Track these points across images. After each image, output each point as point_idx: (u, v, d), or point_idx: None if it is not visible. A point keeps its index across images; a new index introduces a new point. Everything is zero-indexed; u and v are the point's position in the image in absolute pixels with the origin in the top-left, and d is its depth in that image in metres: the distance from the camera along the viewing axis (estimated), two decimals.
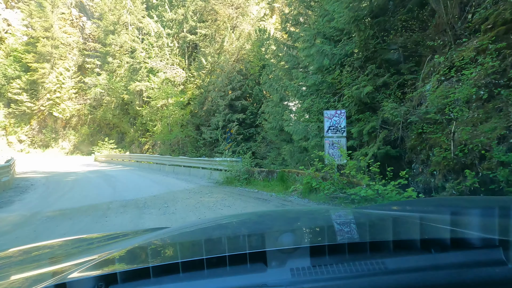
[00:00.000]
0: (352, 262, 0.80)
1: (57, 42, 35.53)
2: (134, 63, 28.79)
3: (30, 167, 17.59)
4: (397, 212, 1.59)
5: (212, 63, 27.60)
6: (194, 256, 0.95)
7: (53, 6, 36.29)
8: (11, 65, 35.82)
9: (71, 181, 10.84)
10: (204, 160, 13.35)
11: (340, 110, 5.77)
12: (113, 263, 1.02)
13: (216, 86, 25.54)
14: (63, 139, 34.93)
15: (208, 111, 26.70)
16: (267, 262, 0.82)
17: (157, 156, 18.27)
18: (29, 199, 7.75)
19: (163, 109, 25.85)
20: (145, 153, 28.99)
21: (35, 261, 1.35)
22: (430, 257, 0.82)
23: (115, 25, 32.23)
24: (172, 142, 25.16)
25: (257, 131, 24.53)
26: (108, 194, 7.97)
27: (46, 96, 34.66)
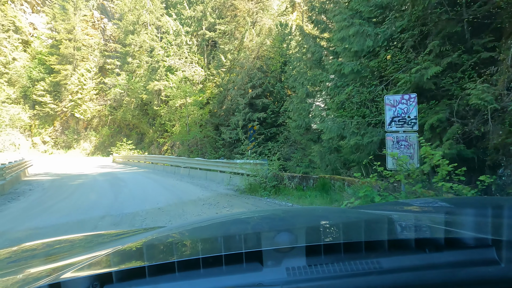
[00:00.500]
0: (348, 261, 0.80)
1: (79, 43, 35.86)
2: (153, 62, 28.26)
3: (46, 168, 17.16)
4: (393, 212, 1.61)
5: (232, 60, 26.54)
6: (190, 255, 0.95)
7: (76, 9, 36.70)
8: (36, 67, 36.51)
9: (75, 186, 9.97)
10: (222, 163, 11.86)
11: (409, 94, 4.24)
12: (108, 262, 1.00)
13: (235, 84, 24.43)
14: (85, 140, 35.11)
15: (227, 110, 25.64)
16: (263, 262, 0.81)
17: (172, 157, 17.09)
18: (12, 209, 6.72)
19: (181, 108, 25.05)
20: (163, 154, 28.34)
21: (30, 260, 1.31)
22: (425, 256, 0.82)
23: (135, 25, 31.98)
24: (191, 143, 24.27)
25: (279, 130, 23.24)
26: (106, 204, 6.84)
27: (68, 98, 35.00)
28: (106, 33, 40.14)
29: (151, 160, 18.92)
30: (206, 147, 23.84)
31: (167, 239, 1.30)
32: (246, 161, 9.58)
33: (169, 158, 16.97)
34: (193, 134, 21.98)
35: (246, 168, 9.04)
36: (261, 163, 8.69)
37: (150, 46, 29.61)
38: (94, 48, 37.35)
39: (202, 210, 6.07)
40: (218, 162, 12.39)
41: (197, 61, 27.74)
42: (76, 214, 5.75)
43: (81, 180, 11.10)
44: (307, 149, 13.91)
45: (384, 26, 6.60)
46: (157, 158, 18.47)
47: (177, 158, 15.98)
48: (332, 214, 1.75)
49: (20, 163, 11.56)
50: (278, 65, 24.44)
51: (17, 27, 39.12)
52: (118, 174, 13.76)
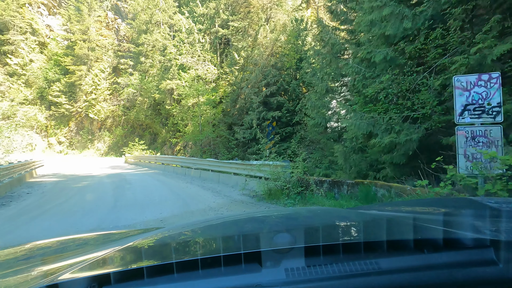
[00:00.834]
0: (346, 262, 0.80)
1: (93, 44, 35.99)
2: (165, 61, 27.86)
3: (56, 169, 16.86)
4: (391, 212, 1.61)
5: (245, 57, 25.79)
6: (188, 256, 0.95)
7: (90, 10, 36.89)
8: (51, 68, 36.91)
9: (77, 189, 9.39)
10: (237, 164, 10.58)
11: (489, 73, 3.21)
12: (107, 264, 1.00)
13: (249, 82, 23.67)
14: (99, 141, 35.18)
15: (240, 109, 24.92)
16: (262, 263, 0.81)
17: (182, 158, 16.28)
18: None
19: (194, 108, 24.49)
20: (176, 154, 27.89)
21: (28, 262, 1.30)
22: (423, 257, 0.83)
23: (148, 24, 31.76)
24: (203, 143, 23.65)
25: (295, 129, 22.34)
26: (103, 212, 6.05)
27: (82, 98, 35.16)
28: (119, 33, 40.23)
29: (162, 161, 18.24)
30: (219, 147, 23.16)
31: (166, 240, 1.28)
32: (265, 163, 8.38)
33: (180, 159, 16.21)
34: (206, 133, 21.34)
35: (265, 170, 7.99)
36: (282, 165, 7.51)
37: (163, 45, 29.26)
38: (108, 48, 37.44)
39: None
40: (231, 163, 11.24)
41: (210, 59, 27.14)
42: (63, 226, 4.94)
43: (86, 182, 10.54)
44: (326, 149, 12.95)
45: (425, 4, 5.62)
46: (167, 159, 17.78)
47: (188, 159, 15.28)
48: (331, 214, 1.73)
49: (24, 164, 11.09)
50: (293, 61, 23.54)
51: (34, 29, 39.74)
52: (126, 176, 13.21)
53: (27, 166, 11.74)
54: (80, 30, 36.04)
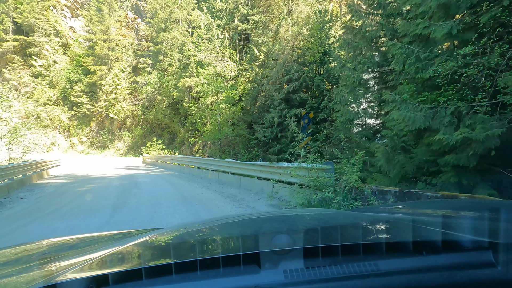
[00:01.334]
0: (345, 263, 0.80)
1: (113, 44, 36.05)
2: (184, 59, 27.17)
3: (71, 169, 16.37)
4: (390, 214, 1.62)
5: (266, 52, 24.61)
6: (187, 257, 0.93)
7: (110, 10, 37.01)
8: (74, 69, 37.35)
9: (79, 193, 8.51)
10: (262, 167, 8.75)
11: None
12: (105, 264, 0.99)
13: (270, 78, 22.46)
14: (119, 140, 35.19)
15: (261, 107, 23.74)
16: (261, 264, 0.81)
17: (199, 158, 14.95)
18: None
19: (212, 106, 23.57)
20: (195, 154, 27.13)
21: (26, 262, 1.31)
22: (422, 259, 0.83)
23: (166, 22, 31.32)
24: (222, 143, 22.67)
25: (320, 128, 20.92)
26: (93, 228, 4.99)
27: (103, 98, 35.28)
28: (139, 33, 40.21)
29: (178, 161, 17.18)
30: (239, 147, 22.10)
31: (165, 241, 1.28)
32: (300, 165, 6.59)
33: (196, 160, 15.13)
34: (225, 133, 20.31)
35: (301, 175, 6.32)
36: (323, 169, 5.90)
37: (181, 42, 28.62)
38: (128, 48, 37.45)
39: None
40: (255, 165, 9.31)
41: (229, 55, 26.15)
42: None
43: (93, 185, 9.72)
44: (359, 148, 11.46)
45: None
46: (183, 159, 16.66)
47: (205, 160, 13.80)
48: (330, 216, 1.70)
49: (31, 164, 10.39)
50: (316, 55, 22.11)
51: (57, 31, 40.45)
52: (138, 178, 12.25)
53: (36, 166, 11.07)
54: (101, 30, 36.24)
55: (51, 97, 37.65)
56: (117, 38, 36.91)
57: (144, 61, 34.90)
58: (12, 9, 37.81)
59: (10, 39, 37.45)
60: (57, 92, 37.91)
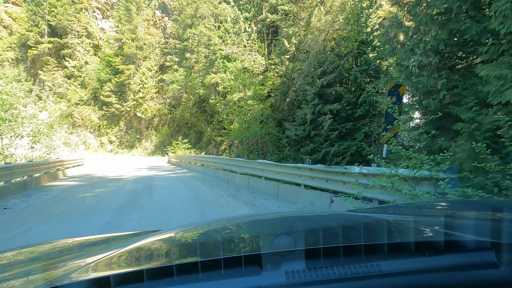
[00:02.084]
0: (347, 264, 0.79)
1: (141, 43, 35.94)
2: (210, 54, 26.03)
3: (92, 170, 15.61)
4: (392, 215, 1.60)
5: (297, 44, 22.80)
6: (188, 259, 0.94)
7: (138, 9, 36.98)
8: (104, 69, 37.74)
9: (78, 202, 7.02)
10: (311, 172, 6.53)
11: None
12: (106, 267, 0.98)
13: (302, 72, 20.62)
14: (146, 140, 34.96)
15: (291, 103, 21.96)
16: (262, 265, 0.80)
17: (225, 159, 12.80)
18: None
19: (239, 102, 22.16)
20: (221, 154, 25.92)
21: (27, 264, 1.29)
22: (424, 259, 0.82)
23: (193, 18, 30.45)
24: (250, 141, 21.16)
25: (358, 125, 18.81)
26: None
27: (131, 97, 35.23)
28: (166, 31, 39.93)
29: (202, 162, 15.56)
30: (268, 146, 20.47)
31: (166, 242, 1.28)
32: (382, 171, 4.36)
33: (222, 160, 13.13)
34: (253, 131, 18.75)
35: (391, 188, 3.94)
36: (437, 178, 3.55)
37: (208, 37, 27.53)
38: (155, 47, 37.20)
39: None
40: (302, 169, 6.91)
41: (257, 49, 24.60)
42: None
43: (102, 189, 8.43)
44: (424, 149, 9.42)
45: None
46: (207, 160, 14.95)
47: (232, 161, 11.63)
48: (332, 217, 1.70)
49: (39, 164, 9.28)
50: (354, 45, 19.97)
51: (89, 33, 41.24)
52: (155, 180, 10.86)
53: (47, 167, 10.05)
54: (129, 30, 36.29)
55: (83, 97, 38.33)
56: (144, 37, 36.81)
57: (170, 59, 34.39)
58: (47, 13, 38.98)
59: (45, 41, 38.60)
60: (88, 92, 38.53)
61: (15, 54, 38.39)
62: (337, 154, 18.16)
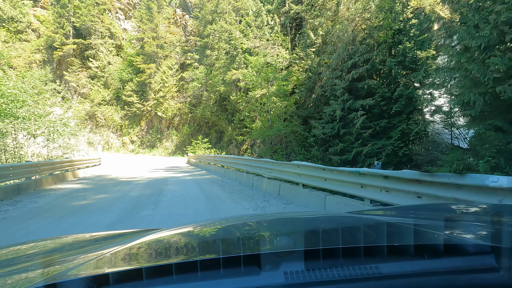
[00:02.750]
0: (346, 266, 0.79)
1: (162, 41, 35.52)
2: (231, 50, 24.88)
3: (107, 170, 14.78)
4: (392, 217, 1.60)
5: (324, 36, 21.16)
6: (187, 258, 0.94)
7: (159, 7, 36.64)
8: (125, 69, 37.70)
9: (66, 213, 5.50)
10: (388, 181, 4.33)
11: None
12: (105, 264, 0.98)
13: (330, 65, 18.98)
14: (167, 140, 34.44)
15: (318, 100, 20.36)
16: (261, 265, 0.80)
17: (248, 159, 10.53)
18: None
19: (262, 99, 20.82)
20: (243, 154, 24.70)
21: (27, 260, 1.27)
22: (423, 262, 0.82)
23: (213, 14, 29.50)
24: (274, 141, 19.75)
25: (393, 123, 16.95)
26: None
27: (152, 97, 34.88)
28: (187, 29, 39.37)
29: (222, 163, 13.91)
30: (293, 145, 18.99)
31: (166, 241, 1.26)
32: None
33: (245, 161, 10.82)
34: (277, 129, 17.33)
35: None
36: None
37: (228, 33, 26.41)
38: (176, 45, 36.67)
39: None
40: (371, 176, 4.66)
41: (280, 42, 23.16)
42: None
43: (104, 195, 7.07)
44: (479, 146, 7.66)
45: None
46: (228, 160, 13.02)
47: (258, 162, 9.29)
48: (331, 219, 1.68)
49: (36, 165, 8.27)
50: (389, 34, 18.08)
51: (112, 33, 41.49)
52: (168, 184, 9.46)
53: (52, 167, 9.07)
54: (150, 28, 36.02)
55: (105, 97, 38.51)
56: (165, 35, 36.39)
57: (191, 56, 33.68)
58: (72, 14, 39.54)
59: (70, 42, 39.17)
60: (111, 92, 38.68)
61: (42, 56, 39.22)
62: (370, 154, 16.40)
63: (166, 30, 37.86)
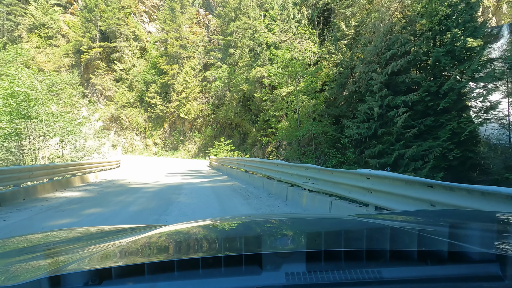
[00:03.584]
0: (348, 269, 0.78)
1: (184, 42, 34.92)
2: (255, 46, 23.48)
3: (122, 174, 13.77)
4: (396, 222, 1.55)
5: (357, 26, 19.25)
6: (189, 255, 0.94)
7: (182, 7, 36.14)
8: (149, 71, 37.51)
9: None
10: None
11: None
12: (108, 258, 0.98)
13: (365, 57, 17.03)
14: (189, 142, 33.63)
15: (350, 97, 18.44)
16: (262, 265, 0.79)
17: (280, 164, 8.17)
18: None
19: (288, 97, 19.19)
20: (267, 156, 23.15)
21: (32, 252, 1.27)
22: (426, 268, 0.80)
23: (237, 11, 28.31)
24: (302, 142, 18.04)
25: (440, 121, 14.81)
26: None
27: (174, 98, 34.30)
28: (210, 29, 38.62)
29: (246, 167, 11.64)
30: (324, 147, 17.18)
31: (168, 237, 1.26)
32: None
33: (276, 167, 8.30)
34: (306, 129, 15.62)
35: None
36: None
37: (252, 29, 25.06)
38: (199, 45, 35.96)
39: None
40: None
41: (308, 36, 21.45)
42: None
43: (99, 209, 5.26)
44: None
45: None
46: (254, 164, 10.66)
47: (295, 168, 7.01)
48: (335, 221, 1.63)
49: (25, 169, 7.03)
50: (434, 19, 15.93)
51: (136, 36, 41.63)
52: (182, 193, 7.91)
53: (53, 171, 7.86)
54: (173, 29, 35.57)
55: (130, 99, 38.52)
56: (188, 36, 35.80)
57: (214, 56, 32.72)
58: (98, 18, 40.08)
59: (96, 46, 39.67)
60: (135, 94, 38.65)
61: (70, 60, 40.00)
62: (414, 157, 14.29)
63: (189, 30, 37.30)
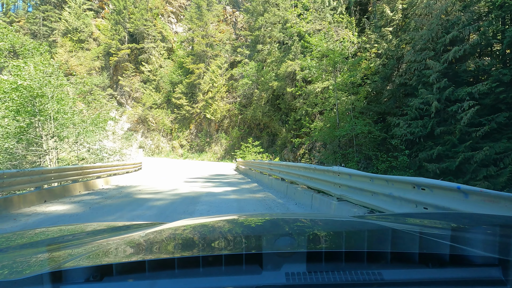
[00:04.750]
0: (349, 270, 0.77)
1: (211, 40, 33.77)
2: (285, 39, 21.52)
3: (138, 179, 12.32)
4: (398, 224, 1.54)
5: (405, 9, 16.73)
6: (190, 253, 0.94)
7: (208, 4, 35.09)
8: (176, 71, 36.82)
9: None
10: None
11: None
12: (110, 255, 0.98)
13: (416, 44, 14.47)
14: (216, 143, 32.28)
15: (397, 91, 15.91)
16: (263, 265, 0.79)
17: (344, 172, 4.72)
18: None
19: (324, 93, 17.00)
20: (299, 160, 21.04)
21: (34, 247, 1.30)
22: (428, 271, 0.80)
23: (265, 4, 26.56)
24: (341, 143, 15.76)
25: None
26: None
27: (201, 98, 33.16)
28: (237, 26, 37.24)
29: (282, 174, 8.67)
30: (367, 148, 14.82)
31: (170, 235, 1.27)
32: None
33: (337, 177, 4.97)
34: (349, 128, 13.40)
35: None
36: None
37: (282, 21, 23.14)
38: (225, 43, 34.65)
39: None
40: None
41: (345, 25, 19.14)
42: None
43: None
44: None
45: None
46: (293, 171, 7.67)
47: (352, 178, 4.44)
48: (336, 222, 1.64)
49: (15, 174, 5.46)
50: None
51: (164, 36, 41.28)
52: (197, 210, 5.82)
53: (47, 176, 6.43)
54: (199, 27, 34.57)
55: (157, 100, 38.07)
56: (215, 33, 34.64)
57: (241, 53, 31.17)
58: (127, 20, 40.18)
59: (124, 47, 39.74)
60: (162, 95, 38.16)
61: (100, 63, 40.42)
62: (485, 162, 11.60)
63: (216, 28, 36.17)
